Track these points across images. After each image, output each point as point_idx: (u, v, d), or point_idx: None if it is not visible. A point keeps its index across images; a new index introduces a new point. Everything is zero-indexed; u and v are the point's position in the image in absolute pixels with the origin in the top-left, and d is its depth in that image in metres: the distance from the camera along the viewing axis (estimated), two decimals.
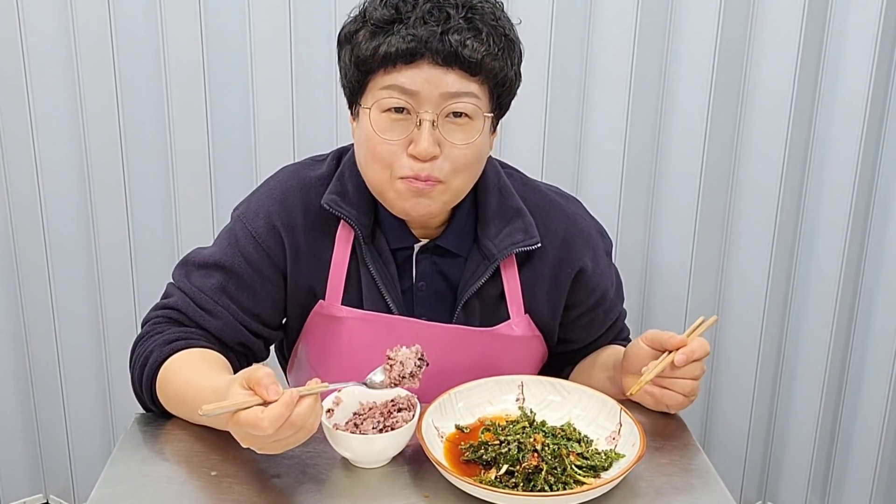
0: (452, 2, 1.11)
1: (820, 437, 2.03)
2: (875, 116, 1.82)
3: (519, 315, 1.28)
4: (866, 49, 1.77)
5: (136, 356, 1.20)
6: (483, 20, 1.11)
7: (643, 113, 1.85)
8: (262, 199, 1.25)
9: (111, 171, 1.86)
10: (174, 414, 1.18)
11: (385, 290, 1.23)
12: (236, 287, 1.23)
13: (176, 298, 1.23)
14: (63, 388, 2.02)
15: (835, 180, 1.87)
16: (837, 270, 1.91)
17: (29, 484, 2.11)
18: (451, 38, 1.08)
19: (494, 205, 1.25)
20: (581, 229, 1.30)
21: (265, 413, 0.93)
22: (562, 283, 1.29)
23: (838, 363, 2.00)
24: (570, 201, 1.34)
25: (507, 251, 1.23)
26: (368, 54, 1.10)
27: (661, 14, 1.80)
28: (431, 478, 1.07)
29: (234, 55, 1.80)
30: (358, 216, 1.21)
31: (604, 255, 1.34)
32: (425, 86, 1.10)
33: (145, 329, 1.22)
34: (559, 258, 1.28)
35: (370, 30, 1.11)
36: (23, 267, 1.94)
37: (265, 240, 1.23)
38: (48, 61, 1.80)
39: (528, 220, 1.25)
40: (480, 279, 1.24)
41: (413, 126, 1.12)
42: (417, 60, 1.09)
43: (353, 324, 1.25)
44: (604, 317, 1.36)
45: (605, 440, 1.14)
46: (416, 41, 1.08)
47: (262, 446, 0.98)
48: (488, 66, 1.11)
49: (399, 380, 1.07)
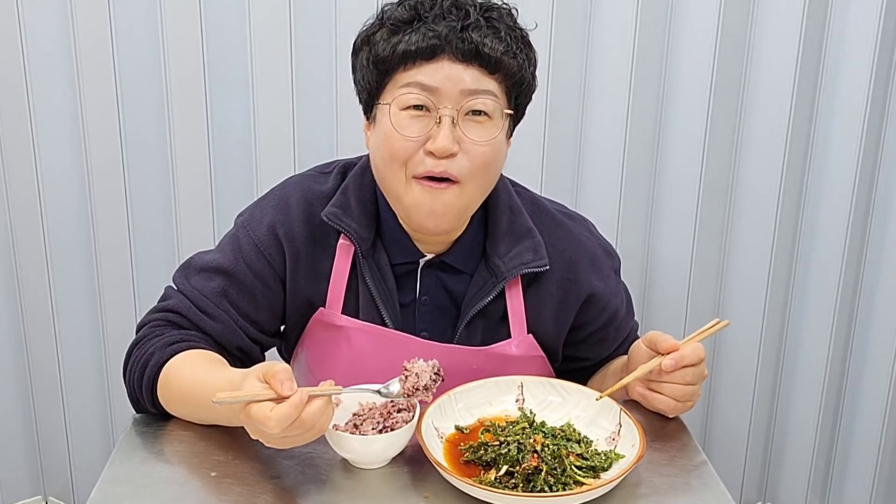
0: (471, 1, 1.12)
1: (820, 438, 2.03)
2: (875, 116, 1.82)
3: (521, 335, 1.28)
4: (866, 49, 1.77)
5: (135, 359, 1.19)
6: (501, 20, 1.13)
7: (643, 113, 1.85)
8: (266, 207, 1.26)
9: (111, 171, 1.86)
10: (174, 415, 1.18)
11: (381, 305, 1.24)
12: (237, 292, 1.23)
13: (175, 301, 1.23)
14: (63, 390, 2.02)
15: (835, 180, 1.87)
16: (838, 270, 1.91)
17: (28, 485, 2.11)
18: (471, 35, 1.09)
19: (506, 223, 1.25)
20: (587, 250, 1.30)
21: (273, 412, 0.94)
22: (570, 305, 1.29)
23: (838, 363, 2.00)
24: (576, 221, 1.34)
25: (516, 271, 1.23)
26: (388, 53, 1.11)
27: (661, 14, 1.80)
28: (431, 478, 1.07)
29: (235, 55, 1.80)
30: (358, 229, 1.22)
31: (612, 274, 1.34)
32: (445, 82, 1.10)
33: (143, 332, 1.22)
34: (566, 279, 1.28)
35: (389, 29, 1.12)
36: (23, 268, 1.94)
37: (267, 247, 1.23)
38: (48, 61, 1.80)
39: (538, 242, 1.25)
40: (487, 297, 1.24)
41: (433, 123, 1.12)
42: (437, 57, 1.10)
43: (352, 333, 1.25)
44: (615, 334, 1.37)
45: (604, 441, 1.13)
46: (437, 37, 1.09)
47: (269, 441, 0.99)
48: (507, 63, 1.12)
49: (413, 391, 1.08)
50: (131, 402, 1.22)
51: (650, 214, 1.94)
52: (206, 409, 1.10)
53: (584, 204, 1.92)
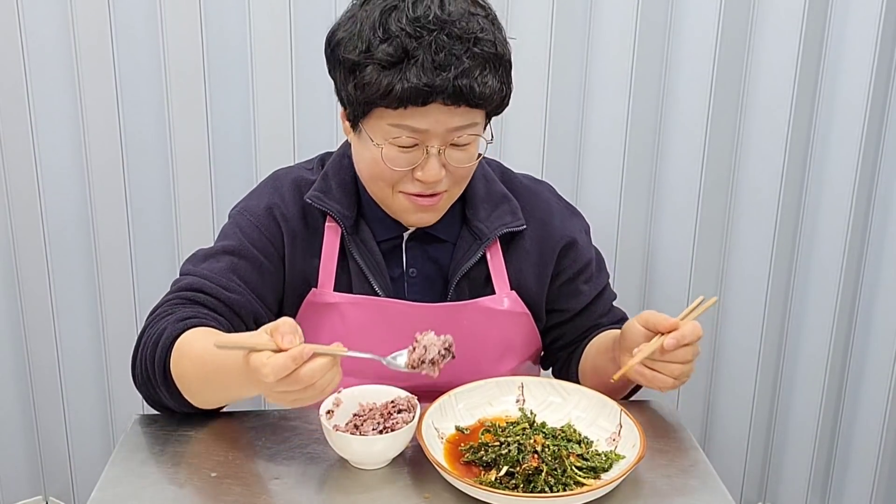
0: (457, 33, 1.11)
1: (820, 438, 2.03)
2: (875, 116, 1.82)
3: (505, 291, 1.33)
4: (866, 49, 1.77)
5: (147, 336, 1.18)
6: (484, 52, 1.13)
7: (643, 113, 1.85)
8: (260, 193, 1.33)
9: (111, 171, 1.86)
10: (186, 394, 1.15)
11: (372, 278, 1.28)
12: (246, 268, 1.26)
13: (189, 280, 1.24)
14: (63, 389, 2.02)
15: (835, 180, 1.87)
16: (838, 271, 1.91)
17: (29, 485, 2.11)
18: (460, 83, 1.11)
19: (482, 190, 1.32)
20: (557, 209, 1.38)
21: (269, 360, 0.94)
22: (547, 257, 1.35)
23: (839, 364, 2.00)
24: (543, 186, 1.42)
25: (497, 231, 1.30)
26: (379, 95, 1.12)
27: (662, 15, 1.80)
28: (431, 479, 1.07)
29: (235, 55, 1.80)
30: (340, 209, 1.27)
31: (581, 233, 1.40)
32: (435, 125, 1.14)
33: (158, 311, 1.21)
34: (540, 237, 1.34)
35: (377, 68, 1.12)
36: (23, 268, 1.94)
37: (267, 226, 1.28)
38: (48, 62, 1.80)
39: (515, 205, 1.33)
40: (472, 259, 1.29)
41: (420, 155, 1.17)
42: (428, 103, 1.12)
43: (345, 308, 1.29)
44: (589, 288, 1.39)
45: (605, 441, 1.14)
46: (429, 87, 1.10)
47: (269, 395, 1.00)
48: (491, 97, 1.15)
49: (419, 363, 1.07)
50: (141, 387, 1.19)
51: (650, 214, 1.94)
52: (218, 382, 1.09)
53: (585, 204, 1.91)
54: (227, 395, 1.14)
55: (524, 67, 1.82)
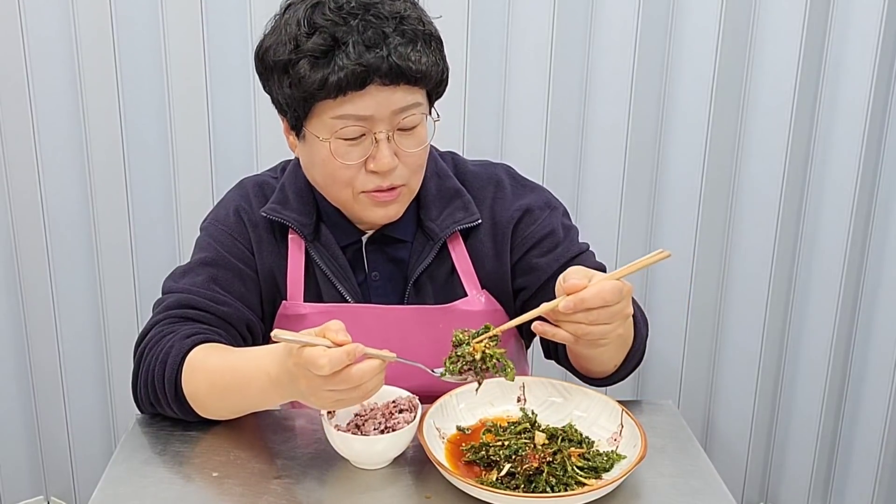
0: (384, 14, 1.12)
1: (822, 439, 2.03)
2: (877, 118, 1.82)
3: (476, 290, 1.31)
4: (868, 50, 1.76)
5: (150, 358, 1.17)
6: (414, 29, 1.14)
7: (644, 114, 1.85)
8: (227, 202, 1.34)
9: (112, 171, 1.87)
10: (198, 409, 1.15)
11: (339, 284, 1.28)
12: (226, 277, 1.26)
13: (173, 299, 1.23)
14: (64, 389, 2.02)
15: (836, 182, 1.87)
16: (839, 272, 1.91)
17: (30, 485, 2.11)
18: (394, 60, 1.11)
19: (434, 188, 1.30)
20: (509, 187, 1.33)
21: (328, 352, 0.95)
22: (501, 237, 1.30)
23: (840, 365, 1.99)
24: (496, 167, 1.37)
25: (450, 230, 1.28)
26: (316, 87, 1.12)
27: (663, 15, 1.80)
28: (433, 479, 1.07)
29: (236, 55, 1.80)
30: (298, 218, 1.27)
31: (540, 206, 1.32)
32: (378, 108, 1.13)
33: (150, 335, 1.19)
34: (493, 222, 1.31)
35: (310, 60, 1.11)
36: (24, 267, 1.94)
37: (239, 232, 1.29)
38: (49, 61, 1.80)
39: (467, 199, 1.31)
40: (426, 259, 1.28)
41: (370, 144, 1.16)
42: (366, 85, 1.12)
43: (317, 318, 1.26)
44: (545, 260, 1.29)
45: (606, 441, 1.14)
46: (364, 68, 1.10)
47: (313, 395, 0.99)
48: (429, 72, 1.15)
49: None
50: (147, 407, 1.19)
51: (651, 216, 1.94)
52: (239, 393, 1.10)
53: (585, 204, 1.92)
54: (244, 405, 1.14)
55: (526, 65, 1.84)
